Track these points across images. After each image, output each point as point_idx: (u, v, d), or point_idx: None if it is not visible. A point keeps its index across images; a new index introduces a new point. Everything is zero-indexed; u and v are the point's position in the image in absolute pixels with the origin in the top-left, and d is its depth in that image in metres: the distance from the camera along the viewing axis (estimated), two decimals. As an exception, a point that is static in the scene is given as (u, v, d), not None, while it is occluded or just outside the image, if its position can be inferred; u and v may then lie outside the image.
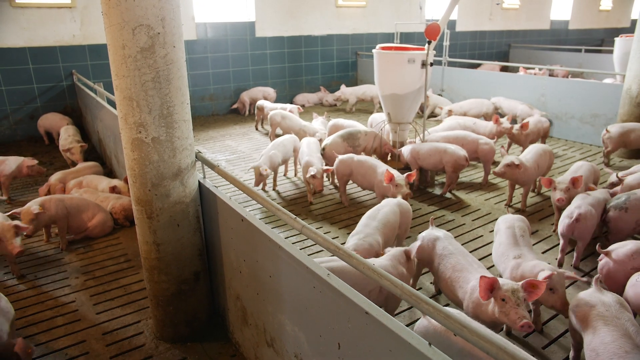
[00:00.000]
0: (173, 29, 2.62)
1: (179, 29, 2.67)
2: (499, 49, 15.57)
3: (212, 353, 3.07)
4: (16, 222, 3.81)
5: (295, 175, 6.30)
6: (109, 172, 6.34)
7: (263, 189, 5.80)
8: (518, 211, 5.13)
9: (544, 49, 15.37)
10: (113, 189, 5.05)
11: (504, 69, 12.73)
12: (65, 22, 8.47)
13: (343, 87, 10.64)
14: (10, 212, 4.18)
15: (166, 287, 2.96)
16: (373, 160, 5.15)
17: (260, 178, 5.13)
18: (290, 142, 5.92)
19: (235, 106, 10.09)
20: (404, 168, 5.90)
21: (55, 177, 5.47)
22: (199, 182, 2.97)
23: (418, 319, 2.48)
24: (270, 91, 10.19)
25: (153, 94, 2.59)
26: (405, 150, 5.77)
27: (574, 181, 4.18)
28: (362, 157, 5.18)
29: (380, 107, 10.61)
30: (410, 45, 5.98)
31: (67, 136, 6.55)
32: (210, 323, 3.26)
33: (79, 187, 5.28)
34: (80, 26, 8.61)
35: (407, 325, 2.80)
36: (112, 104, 6.10)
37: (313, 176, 4.97)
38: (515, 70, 11.60)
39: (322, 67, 11.63)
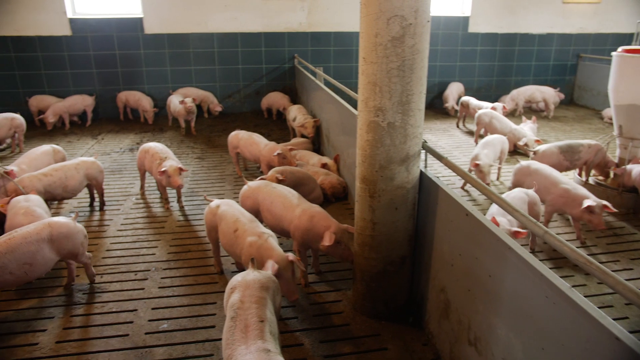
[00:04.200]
0: (423, 21, 2.71)
1: (428, 20, 2.74)
2: None
3: (405, 337, 3.16)
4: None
5: (497, 179, 6.01)
6: (317, 149, 6.90)
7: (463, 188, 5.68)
8: None
9: None
10: (323, 166, 5.50)
11: None
12: (296, 11, 9.43)
13: (513, 91, 9.69)
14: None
15: (374, 264, 3.14)
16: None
17: (481, 175, 5.10)
18: (500, 142, 5.66)
19: (447, 106, 9.72)
20: (629, 190, 5.14)
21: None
22: (420, 170, 3.04)
23: None
24: (462, 87, 9.97)
25: (396, 82, 2.72)
26: (636, 171, 5.02)
27: None
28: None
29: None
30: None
31: (302, 114, 7.22)
32: (406, 307, 3.36)
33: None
34: (307, 15, 9.48)
35: None
36: (329, 85, 6.61)
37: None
38: None
39: (536, 69, 10.74)
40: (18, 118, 7.07)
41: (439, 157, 2.89)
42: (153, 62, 9.24)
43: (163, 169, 4.82)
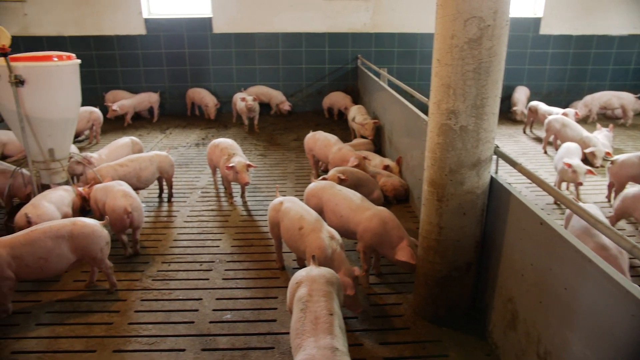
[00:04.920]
0: (502, 22, 2.65)
1: (507, 22, 2.67)
2: None
3: (467, 345, 3.09)
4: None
5: (567, 188, 5.73)
6: (378, 151, 6.86)
7: None
8: None
9: None
10: (386, 168, 5.47)
11: None
12: (360, 12, 9.44)
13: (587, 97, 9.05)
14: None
15: (438, 269, 3.09)
16: None
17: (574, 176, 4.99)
18: (576, 151, 5.41)
19: (515, 109, 9.24)
20: None
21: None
22: (491, 176, 2.96)
23: None
24: (528, 91, 9.59)
25: (471, 84, 2.67)
26: None
27: None
28: None
29: None
30: None
31: (361, 114, 7.23)
32: (468, 315, 3.28)
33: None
34: (372, 16, 9.46)
35: None
36: (392, 87, 6.56)
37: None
38: None
39: (613, 73, 10.12)
40: (96, 111, 7.55)
41: (513, 162, 2.81)
42: (220, 60, 9.55)
43: (231, 165, 4.97)
